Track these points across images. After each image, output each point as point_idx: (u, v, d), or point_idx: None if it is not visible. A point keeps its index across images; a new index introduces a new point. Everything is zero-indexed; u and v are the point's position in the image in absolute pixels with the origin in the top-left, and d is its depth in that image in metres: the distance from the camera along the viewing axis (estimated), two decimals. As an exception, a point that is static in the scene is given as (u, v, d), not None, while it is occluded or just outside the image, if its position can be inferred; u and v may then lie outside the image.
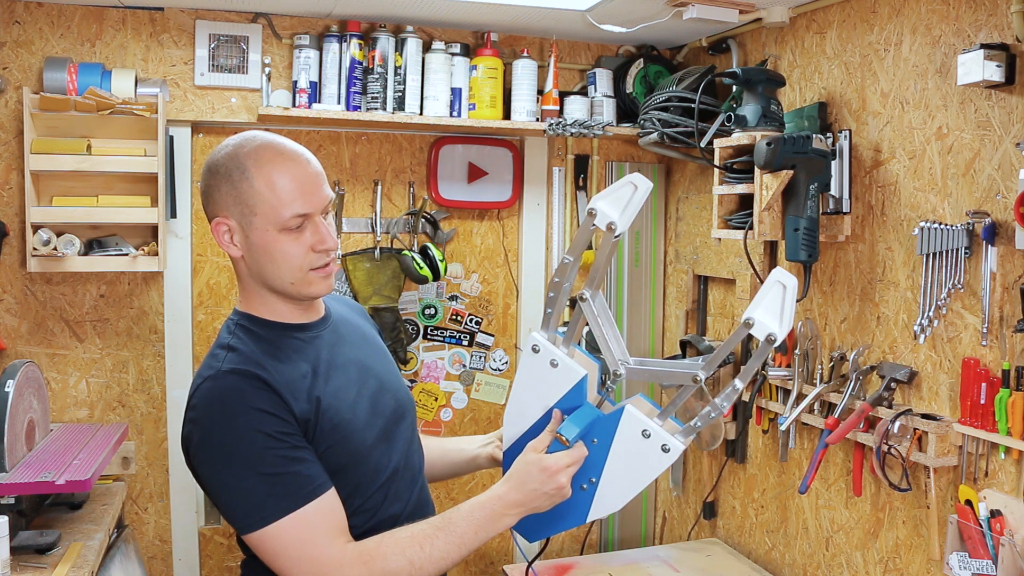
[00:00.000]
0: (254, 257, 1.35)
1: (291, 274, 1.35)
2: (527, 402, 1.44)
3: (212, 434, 1.29)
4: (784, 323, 1.24)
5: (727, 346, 1.31)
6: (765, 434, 2.53)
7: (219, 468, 1.29)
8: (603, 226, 1.29)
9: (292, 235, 1.33)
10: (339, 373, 1.42)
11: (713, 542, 2.73)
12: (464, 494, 2.97)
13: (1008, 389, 1.72)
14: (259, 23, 2.61)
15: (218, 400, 1.30)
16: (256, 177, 1.32)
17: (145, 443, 2.63)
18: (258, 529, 1.28)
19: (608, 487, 1.40)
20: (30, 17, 2.43)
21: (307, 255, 1.35)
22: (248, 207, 1.32)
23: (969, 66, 1.73)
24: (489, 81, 2.71)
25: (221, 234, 1.36)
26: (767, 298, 1.25)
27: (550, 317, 1.39)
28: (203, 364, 1.36)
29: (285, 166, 1.33)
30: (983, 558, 1.75)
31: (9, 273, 2.47)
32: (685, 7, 2.28)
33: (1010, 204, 1.74)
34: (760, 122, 2.20)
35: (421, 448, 1.60)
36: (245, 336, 1.37)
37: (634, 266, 3.10)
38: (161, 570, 2.68)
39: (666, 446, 1.35)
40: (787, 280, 1.24)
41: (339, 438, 1.36)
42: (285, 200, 1.31)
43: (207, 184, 1.37)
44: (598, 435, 1.39)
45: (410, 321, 2.89)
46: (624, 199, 1.28)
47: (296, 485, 1.28)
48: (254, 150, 1.33)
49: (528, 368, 1.43)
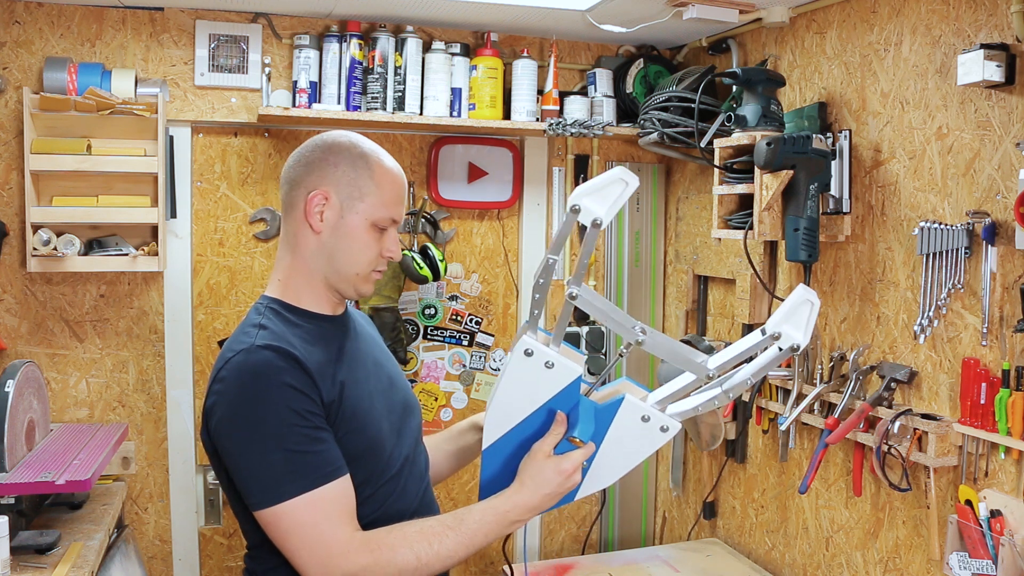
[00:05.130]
0: (336, 238, 1.41)
1: (360, 265, 1.43)
2: (514, 403, 1.42)
3: (239, 406, 1.31)
4: (808, 335, 1.30)
5: (745, 351, 1.33)
6: (765, 434, 2.53)
7: (243, 440, 1.30)
8: (587, 222, 1.26)
9: (376, 234, 1.43)
10: (359, 365, 1.46)
11: (713, 542, 2.73)
12: (464, 494, 2.97)
13: (1008, 389, 1.72)
14: (259, 23, 2.61)
15: (250, 372, 1.31)
16: (377, 172, 1.43)
17: (145, 443, 2.63)
18: (273, 505, 1.29)
19: (601, 467, 1.43)
20: (30, 17, 2.43)
21: (377, 256, 1.44)
22: (359, 192, 1.41)
23: (969, 66, 1.73)
24: (489, 81, 2.71)
25: (315, 204, 1.40)
26: (796, 314, 1.29)
27: (537, 318, 1.39)
28: (232, 340, 1.38)
29: (394, 175, 1.46)
30: (983, 558, 1.75)
31: (9, 273, 2.47)
32: (685, 7, 2.28)
33: (1010, 204, 1.74)
34: (760, 122, 2.20)
35: (426, 451, 1.62)
36: (276, 319, 1.40)
37: (634, 266, 3.10)
38: (161, 570, 2.68)
39: (665, 426, 1.39)
40: (815, 299, 1.30)
41: (358, 425, 1.39)
42: (389, 202, 1.43)
43: (321, 157, 1.43)
44: (597, 425, 1.40)
45: (410, 321, 2.89)
46: (612, 196, 1.26)
47: (316, 465, 1.30)
48: (374, 150, 1.46)
49: (518, 371, 1.40)
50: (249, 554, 1.45)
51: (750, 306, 2.52)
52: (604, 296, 3.08)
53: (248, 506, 1.33)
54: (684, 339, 2.73)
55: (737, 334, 2.64)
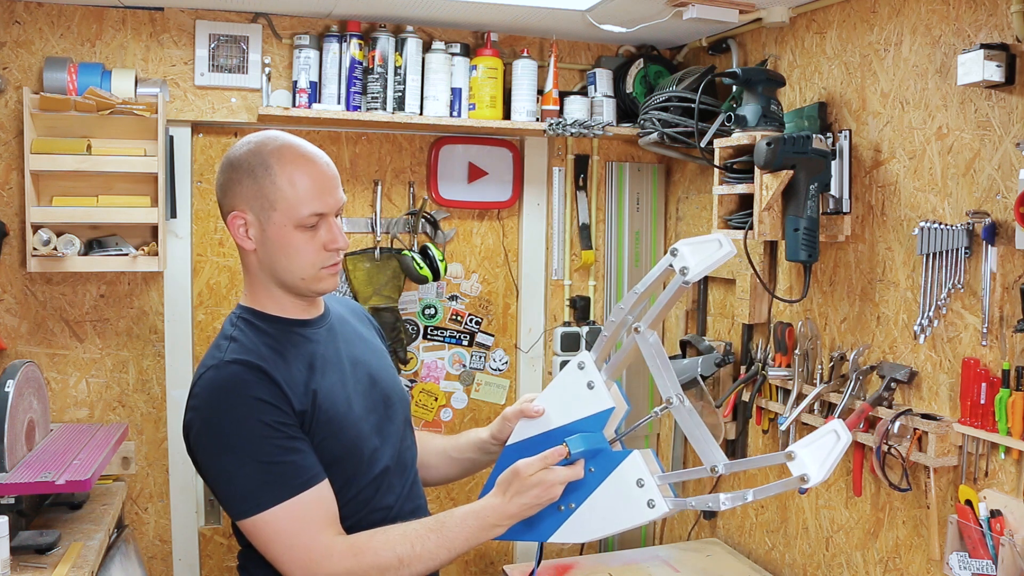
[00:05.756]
0: (268, 251, 1.40)
1: (303, 270, 1.40)
2: (550, 408, 1.47)
3: (212, 421, 1.33)
4: (824, 471, 1.23)
5: (762, 461, 1.32)
6: (765, 434, 2.53)
7: (218, 455, 1.33)
8: (678, 268, 1.31)
9: (307, 233, 1.38)
10: (334, 368, 1.45)
11: (713, 542, 2.73)
12: (464, 494, 2.97)
13: (1008, 389, 1.72)
14: (259, 23, 2.61)
15: (220, 388, 1.34)
16: (279, 174, 1.37)
17: (145, 443, 2.63)
18: (252, 515, 1.31)
19: (583, 517, 1.40)
20: (30, 17, 2.43)
21: (319, 253, 1.40)
22: (268, 202, 1.37)
23: (969, 66, 1.73)
24: (489, 81, 2.71)
25: (237, 227, 1.41)
26: (818, 442, 1.24)
27: (602, 342, 1.42)
28: (206, 354, 1.41)
29: (307, 166, 1.38)
30: (983, 558, 1.75)
31: (9, 273, 2.47)
32: (685, 7, 2.28)
33: (1010, 204, 1.74)
34: (760, 122, 2.20)
35: (415, 444, 1.62)
36: (248, 329, 1.41)
37: (634, 266, 3.10)
38: (161, 570, 2.68)
39: (652, 502, 1.35)
40: (843, 433, 1.24)
41: (334, 430, 1.40)
42: (305, 198, 1.36)
43: (226, 178, 1.41)
44: (597, 466, 1.40)
45: (410, 321, 2.89)
46: (707, 252, 1.30)
47: (291, 474, 1.32)
48: (277, 149, 1.39)
49: (567, 379, 1.46)
50: (242, 552, 1.47)
51: (750, 306, 2.52)
52: (604, 296, 3.08)
53: (230, 517, 1.36)
54: (684, 339, 2.73)
55: (737, 334, 2.64)
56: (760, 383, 2.43)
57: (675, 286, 1.33)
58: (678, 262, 1.31)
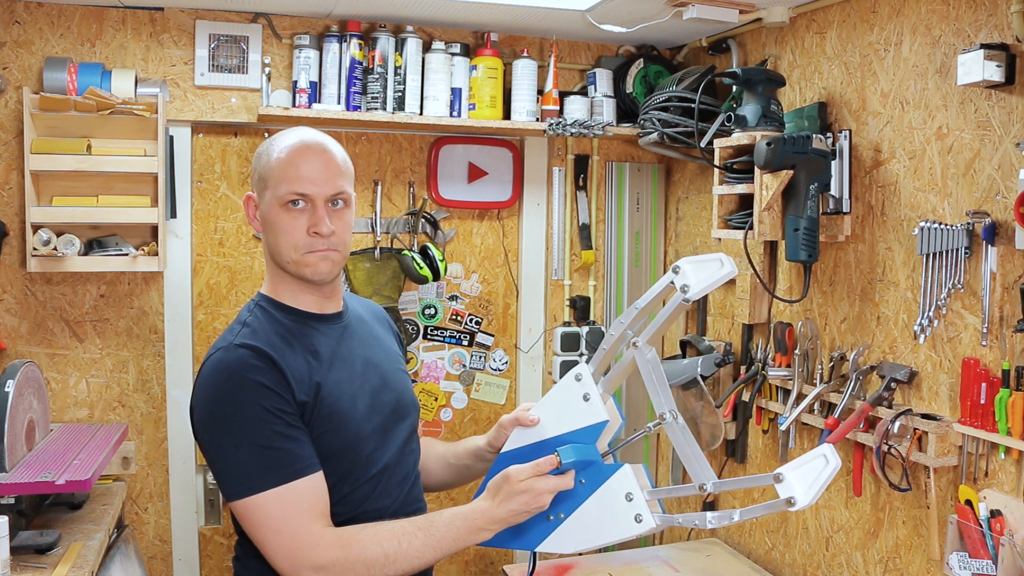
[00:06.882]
0: (266, 231, 1.45)
1: (287, 251, 1.42)
2: (545, 418, 1.48)
3: (214, 401, 1.36)
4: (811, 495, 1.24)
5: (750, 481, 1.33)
6: (765, 434, 2.53)
7: (217, 434, 1.36)
8: (679, 286, 1.32)
9: (291, 213, 1.41)
10: (344, 365, 1.47)
11: (713, 542, 2.73)
12: (464, 493, 2.97)
13: (1008, 389, 1.72)
14: (259, 23, 2.61)
15: (225, 370, 1.37)
16: (276, 155, 1.42)
17: (145, 443, 2.63)
18: (244, 497, 1.33)
19: (571, 528, 1.41)
20: (30, 17, 2.43)
21: (303, 236, 1.41)
22: (264, 181, 1.43)
23: (969, 66, 1.73)
24: (489, 81, 2.71)
25: (248, 209, 1.49)
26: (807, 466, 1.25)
27: (600, 355, 1.42)
28: (220, 337, 1.45)
29: (301, 150, 1.42)
30: (983, 558, 1.75)
31: (9, 273, 2.47)
32: (685, 7, 2.28)
33: (1010, 204, 1.74)
34: (760, 122, 2.20)
35: (418, 450, 1.63)
36: (262, 316, 1.45)
37: (634, 266, 3.10)
38: (161, 570, 2.68)
39: (640, 516, 1.35)
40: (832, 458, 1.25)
41: (335, 425, 1.41)
42: (286, 177, 1.40)
43: (251, 166, 1.52)
44: (588, 478, 1.40)
45: (410, 321, 2.89)
46: (708, 271, 1.31)
47: (286, 461, 1.34)
48: (286, 136, 1.45)
49: (563, 391, 1.47)
50: (238, 541, 1.49)
51: (750, 306, 2.52)
52: (604, 296, 3.08)
53: (224, 497, 1.39)
54: (684, 339, 2.73)
55: (737, 334, 2.64)
56: (760, 383, 2.43)
57: (675, 303, 1.33)
58: (679, 280, 1.32)
